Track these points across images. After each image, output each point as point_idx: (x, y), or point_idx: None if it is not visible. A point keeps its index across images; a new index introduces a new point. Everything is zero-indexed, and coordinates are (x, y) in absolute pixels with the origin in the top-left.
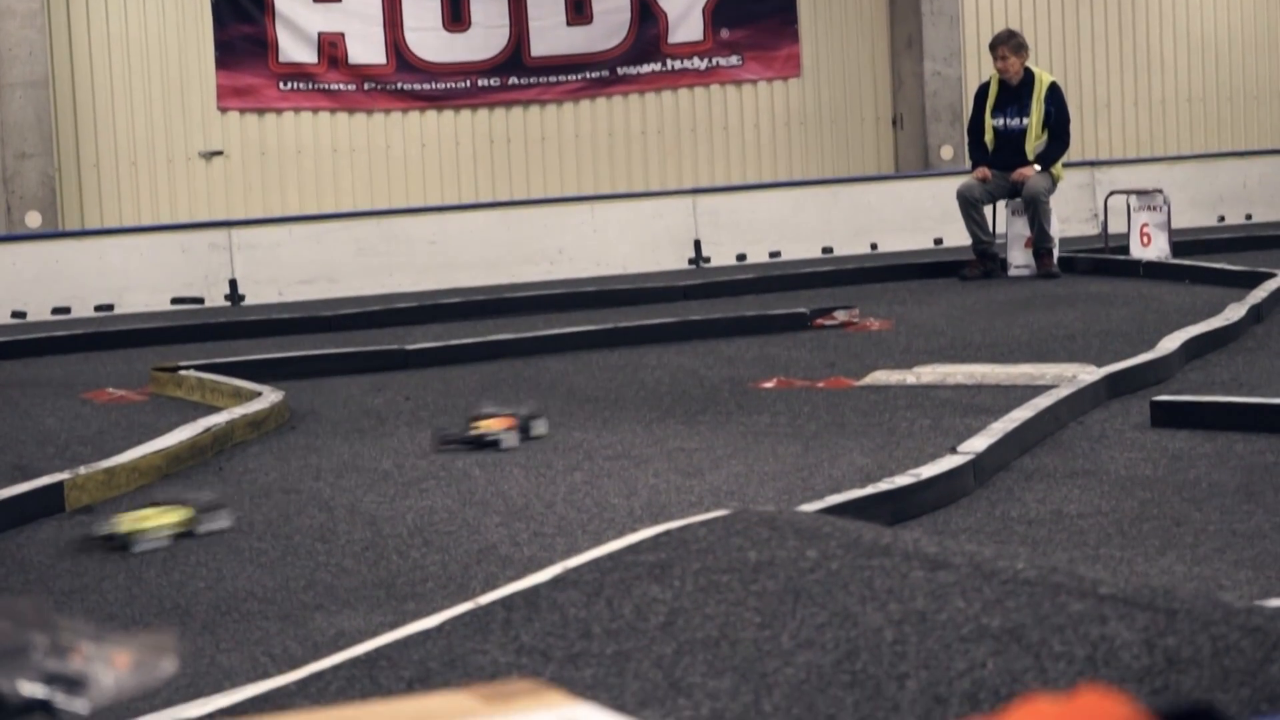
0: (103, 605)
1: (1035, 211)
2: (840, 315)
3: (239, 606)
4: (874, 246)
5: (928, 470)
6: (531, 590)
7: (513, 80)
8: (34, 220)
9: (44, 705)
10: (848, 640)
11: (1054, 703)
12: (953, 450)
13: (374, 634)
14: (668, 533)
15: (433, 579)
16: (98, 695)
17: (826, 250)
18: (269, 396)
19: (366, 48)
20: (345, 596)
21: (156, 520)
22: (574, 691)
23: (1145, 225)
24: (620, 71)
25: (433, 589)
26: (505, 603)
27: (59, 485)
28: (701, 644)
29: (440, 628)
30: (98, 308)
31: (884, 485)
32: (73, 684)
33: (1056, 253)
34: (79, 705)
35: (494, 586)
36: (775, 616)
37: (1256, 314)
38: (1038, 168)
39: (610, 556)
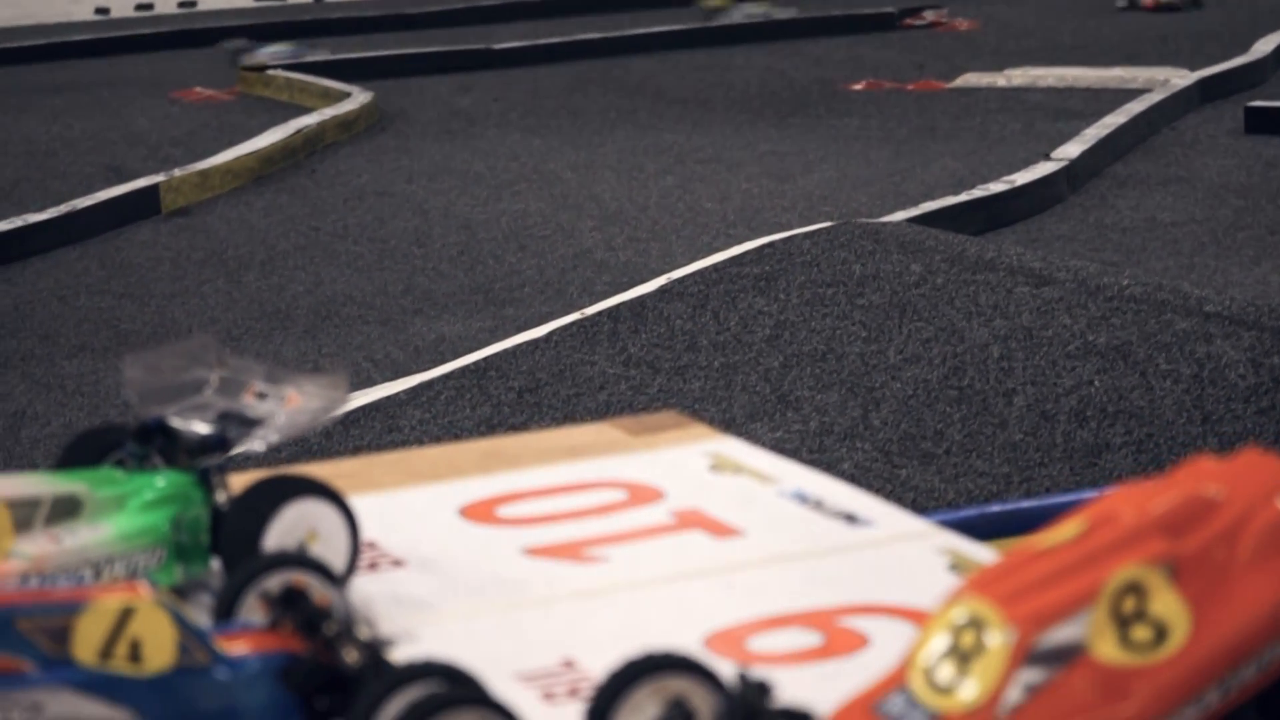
0: (204, 310)
1: None
2: (928, 15)
3: (338, 311)
4: None
5: (1022, 177)
6: (637, 301)
7: None
8: None
9: (218, 442)
10: (954, 356)
11: (1217, 462)
12: (1046, 156)
13: (474, 339)
14: (771, 245)
15: (529, 284)
16: (270, 433)
17: None
18: (358, 97)
19: None
20: (443, 301)
21: None
22: (682, 404)
23: None
24: None
25: (530, 294)
26: (611, 314)
27: (154, 188)
28: (808, 357)
29: (548, 338)
30: (180, 4)
31: (978, 192)
32: (246, 422)
33: None
34: (252, 443)
35: (591, 291)
36: (881, 331)
37: None
38: None
39: (715, 268)
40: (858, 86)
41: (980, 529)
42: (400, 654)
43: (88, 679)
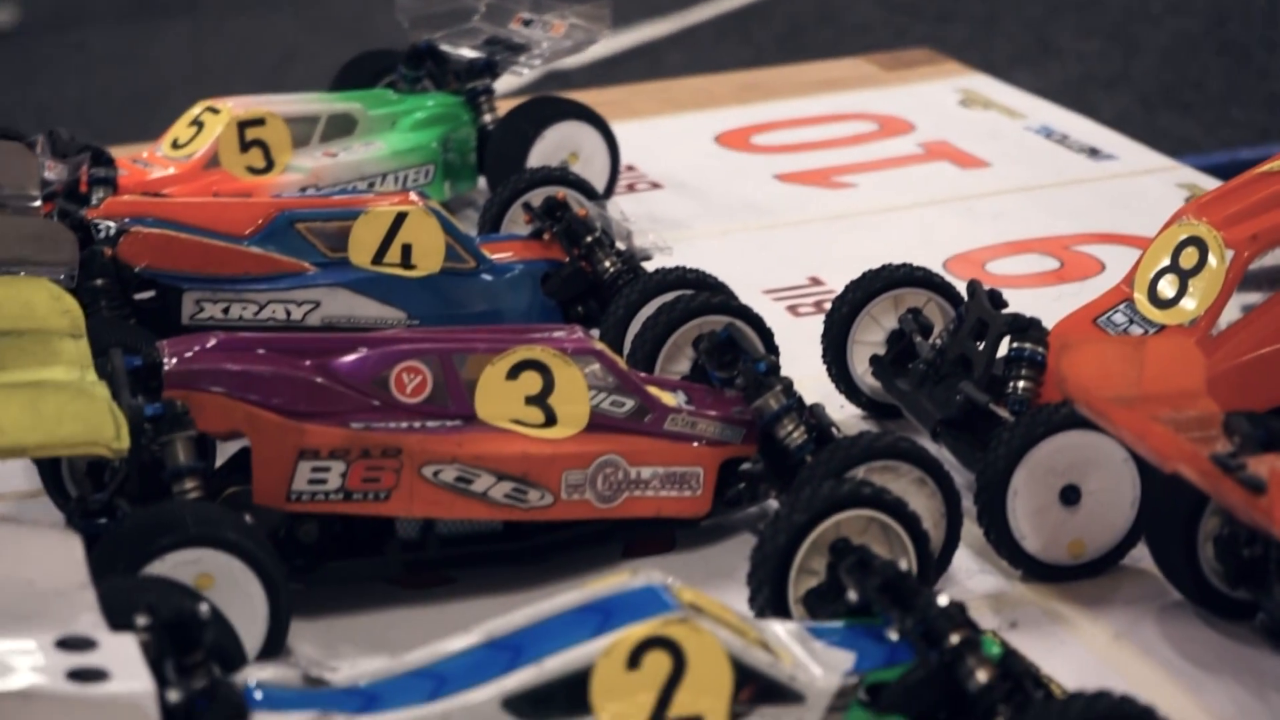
0: None
1: None
2: None
3: None
4: None
5: None
6: None
7: None
8: None
9: (485, 66)
10: (1218, 6)
11: None
12: None
13: None
14: None
15: None
16: (535, 59)
17: None
18: None
19: None
20: None
21: None
22: (944, 50)
23: None
24: None
25: None
26: None
27: None
28: (1071, 6)
29: None
30: None
31: None
32: (512, 47)
33: None
34: (518, 68)
35: None
36: None
37: None
38: None
39: None
40: None
41: (1230, 173)
42: (654, 266)
43: (361, 280)
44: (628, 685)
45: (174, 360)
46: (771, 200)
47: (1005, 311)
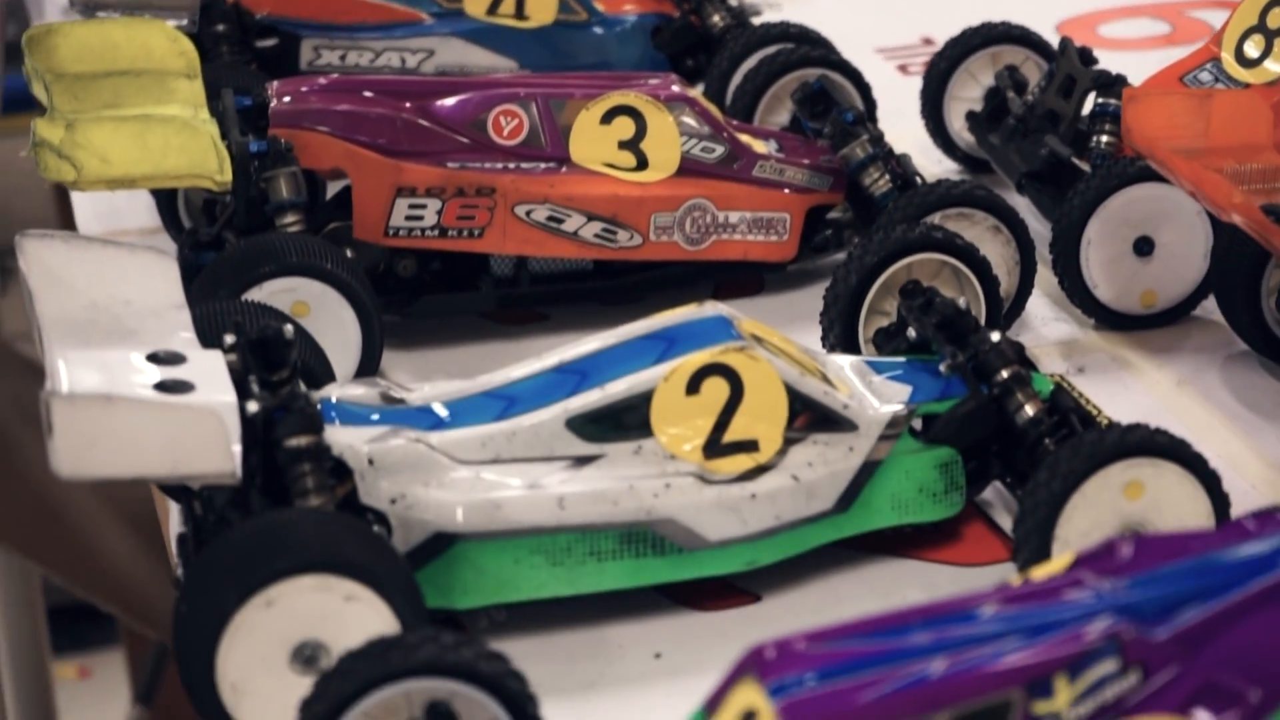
0: None
1: None
2: None
3: None
4: None
5: None
6: None
7: None
8: None
9: None
10: None
11: None
12: None
13: None
14: None
15: None
16: None
17: None
18: None
19: None
20: None
21: None
22: None
23: None
24: None
25: None
26: None
27: None
28: None
29: None
30: None
31: None
32: None
33: None
34: None
35: None
36: None
37: None
38: None
39: None
40: None
41: None
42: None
43: (475, 29)
44: (686, 409)
45: (281, 100)
46: None
47: (1094, 68)
